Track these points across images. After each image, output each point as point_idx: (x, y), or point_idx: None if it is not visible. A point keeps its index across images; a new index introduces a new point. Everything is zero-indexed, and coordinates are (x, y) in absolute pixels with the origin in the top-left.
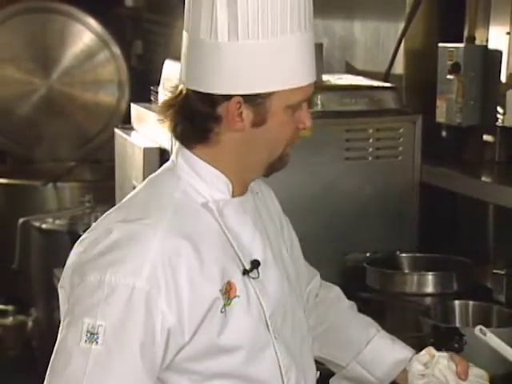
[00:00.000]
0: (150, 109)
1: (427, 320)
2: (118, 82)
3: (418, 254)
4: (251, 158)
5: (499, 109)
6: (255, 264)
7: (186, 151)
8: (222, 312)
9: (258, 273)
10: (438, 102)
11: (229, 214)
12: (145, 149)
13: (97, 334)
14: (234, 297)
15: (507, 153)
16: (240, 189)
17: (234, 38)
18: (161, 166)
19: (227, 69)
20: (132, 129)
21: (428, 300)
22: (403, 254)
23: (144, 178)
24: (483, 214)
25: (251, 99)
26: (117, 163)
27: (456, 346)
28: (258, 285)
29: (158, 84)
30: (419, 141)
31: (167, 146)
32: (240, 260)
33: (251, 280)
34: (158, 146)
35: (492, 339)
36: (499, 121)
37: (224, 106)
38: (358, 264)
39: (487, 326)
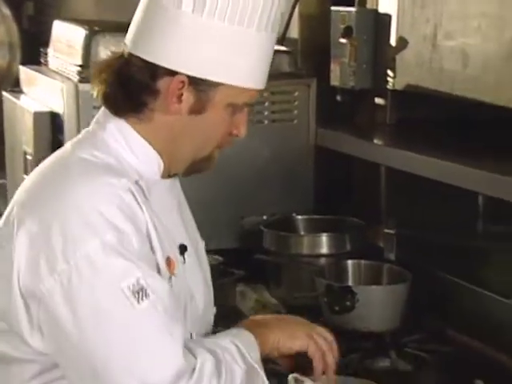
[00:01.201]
0: (40, 71)
1: (321, 280)
2: (9, 44)
3: (313, 216)
4: (179, 147)
5: (390, 72)
6: (182, 248)
7: (119, 119)
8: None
9: (184, 259)
10: (332, 66)
11: (157, 195)
12: (35, 113)
13: (141, 288)
14: (173, 274)
15: (397, 115)
16: (165, 174)
17: (199, 12)
18: (53, 130)
19: (182, 43)
20: (21, 92)
21: (322, 260)
22: (299, 217)
23: (35, 144)
24: (375, 175)
25: (197, 83)
26: (6, 128)
27: (348, 303)
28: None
29: (48, 46)
30: (314, 104)
31: (59, 110)
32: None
33: (180, 264)
34: (49, 110)
35: None
36: (390, 84)
37: (166, 81)
38: (254, 227)
39: (378, 283)
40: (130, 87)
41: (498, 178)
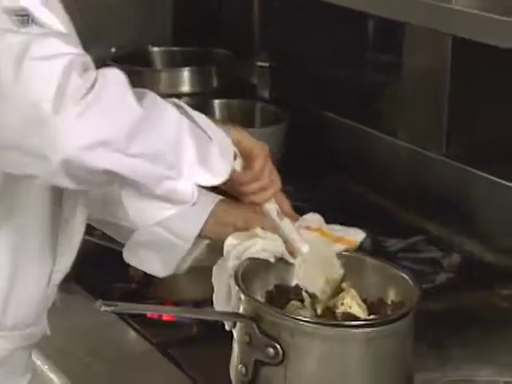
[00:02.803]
0: None
1: None
2: None
3: (172, 48)
4: None
5: None
6: None
7: None
8: None
9: None
10: None
11: None
12: None
13: None
14: None
15: None
16: None
17: None
18: None
19: None
20: None
21: (185, 100)
22: (155, 48)
23: None
24: (247, 2)
25: None
26: None
27: None
28: None
29: None
30: None
31: None
32: None
33: None
34: None
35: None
36: None
37: None
38: (99, 62)
39: (250, 125)
40: None
41: None
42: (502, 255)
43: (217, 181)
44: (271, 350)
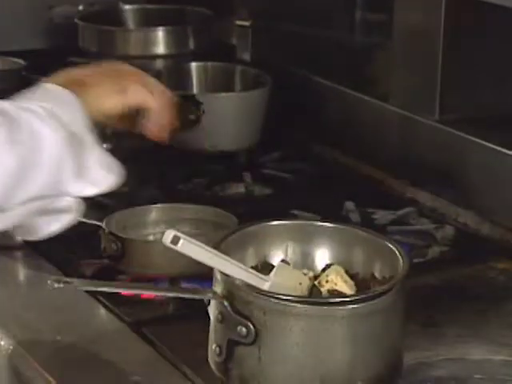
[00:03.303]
0: None
1: None
2: None
3: (146, 6)
4: None
5: None
6: None
7: None
8: None
9: None
10: None
11: None
12: None
13: None
14: None
15: None
16: None
17: None
18: None
19: None
20: None
21: (159, 63)
22: (127, 6)
23: None
24: None
25: None
26: None
27: (191, 117)
28: None
29: None
30: None
31: None
32: None
33: None
34: None
35: (186, 247)
36: None
37: None
38: (68, 20)
39: (229, 89)
40: None
41: None
42: (499, 227)
43: (99, 190)
44: (243, 329)
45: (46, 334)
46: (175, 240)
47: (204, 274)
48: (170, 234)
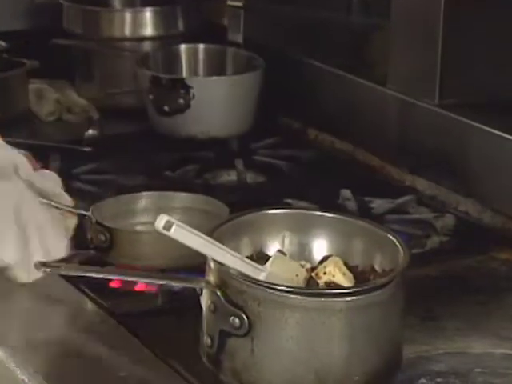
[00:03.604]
0: None
1: (145, 71)
2: None
3: None
4: None
5: None
6: None
7: None
8: None
9: None
10: None
11: None
12: None
13: None
14: None
15: None
16: None
17: None
18: None
19: None
20: None
21: (147, 45)
22: None
23: None
24: None
25: None
26: None
27: (181, 101)
28: None
29: None
30: None
31: None
32: None
33: None
34: None
35: (179, 233)
36: None
37: None
38: (51, 0)
39: (221, 73)
40: None
41: None
42: (501, 216)
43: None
44: (236, 320)
45: (29, 328)
46: (168, 226)
47: (195, 267)
48: (162, 219)
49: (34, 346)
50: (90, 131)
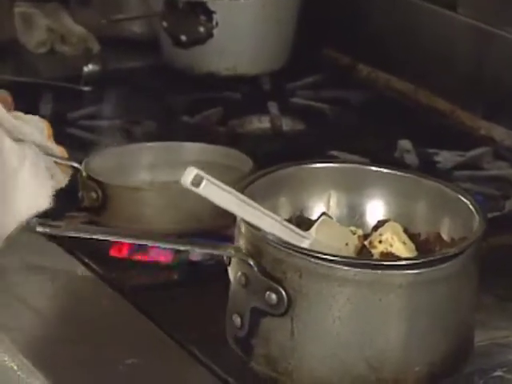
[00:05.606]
0: None
1: None
2: None
3: None
4: None
5: None
6: None
7: None
8: None
9: None
10: None
11: None
12: None
13: None
14: None
15: None
16: None
17: None
18: None
19: None
20: None
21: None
22: None
23: None
24: None
25: None
26: None
27: (201, 29)
28: None
29: None
30: None
31: None
32: None
33: None
34: None
35: (210, 190)
36: None
37: None
38: None
39: None
40: None
41: None
42: None
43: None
44: (273, 296)
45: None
46: (197, 181)
47: (207, 232)
48: (191, 173)
49: (20, 329)
50: (89, 66)
